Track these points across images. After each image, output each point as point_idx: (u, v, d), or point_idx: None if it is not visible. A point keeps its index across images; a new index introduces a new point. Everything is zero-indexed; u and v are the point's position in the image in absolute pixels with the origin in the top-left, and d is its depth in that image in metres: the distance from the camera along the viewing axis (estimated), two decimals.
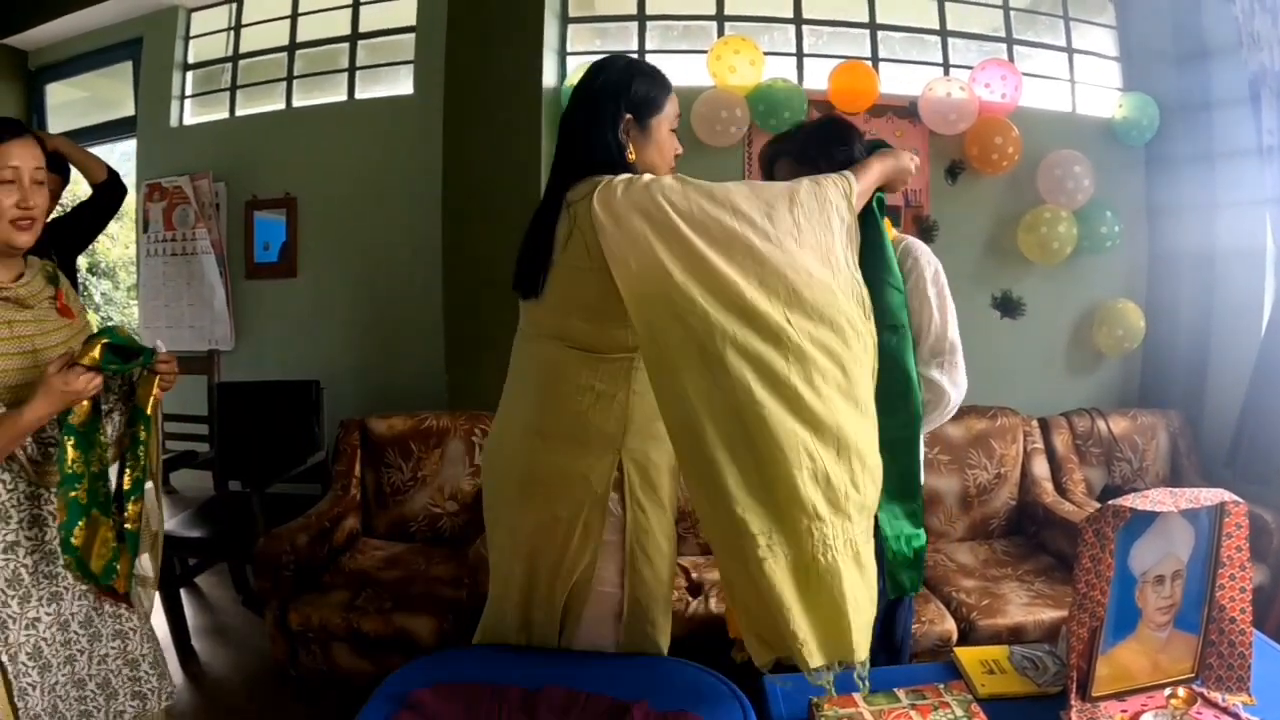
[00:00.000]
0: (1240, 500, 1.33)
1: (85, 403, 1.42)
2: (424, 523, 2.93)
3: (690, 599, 2.48)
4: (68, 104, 4.59)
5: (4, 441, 1.34)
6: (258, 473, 3.20)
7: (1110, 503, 1.27)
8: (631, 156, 1.48)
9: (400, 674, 1.55)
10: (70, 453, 1.42)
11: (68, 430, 1.42)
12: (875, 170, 1.57)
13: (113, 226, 6.60)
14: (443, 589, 2.49)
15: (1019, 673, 1.47)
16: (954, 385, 1.71)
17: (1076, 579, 1.32)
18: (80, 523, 1.44)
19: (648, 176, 1.40)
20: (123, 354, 1.44)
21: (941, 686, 1.45)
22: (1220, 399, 3.15)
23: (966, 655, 1.54)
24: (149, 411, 1.50)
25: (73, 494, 1.43)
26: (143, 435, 1.51)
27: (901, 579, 1.66)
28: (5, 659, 1.40)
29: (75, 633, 1.51)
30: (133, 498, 1.51)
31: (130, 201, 4.40)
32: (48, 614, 1.47)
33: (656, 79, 1.53)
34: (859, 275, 1.44)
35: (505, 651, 1.64)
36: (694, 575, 2.64)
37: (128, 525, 1.50)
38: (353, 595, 2.44)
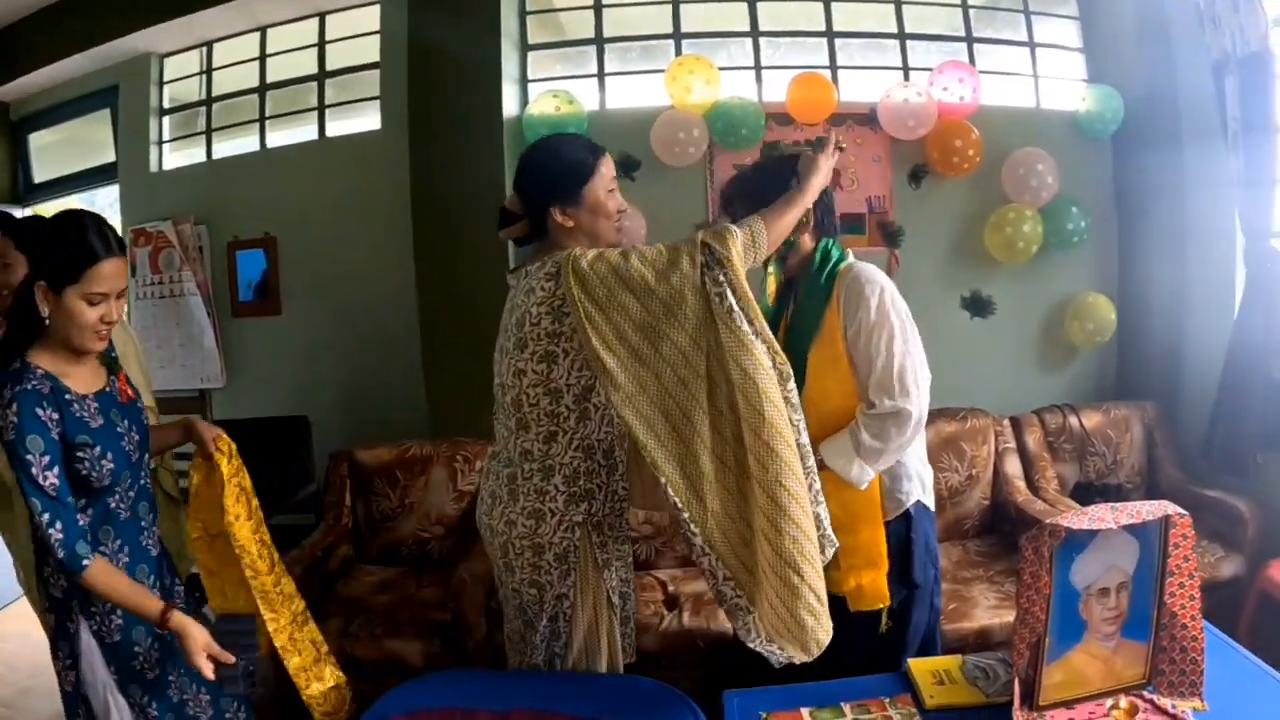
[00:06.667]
0: (1185, 512, 1.33)
1: None
2: (413, 547, 3.02)
3: (665, 612, 2.52)
4: (50, 148, 4.63)
5: None
6: None
7: (1047, 521, 1.28)
8: None
9: (382, 701, 1.62)
10: None
11: None
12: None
13: None
14: (430, 612, 2.59)
15: (969, 683, 1.49)
16: (911, 402, 1.65)
17: (1018, 594, 1.33)
18: None
19: None
20: None
21: (887, 700, 1.46)
22: (1196, 388, 3.11)
23: (919, 666, 1.55)
24: None
25: None
26: None
27: None
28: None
29: None
30: None
31: None
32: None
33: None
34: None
35: (481, 675, 1.71)
36: (670, 589, 2.69)
37: None
38: (346, 622, 2.54)
